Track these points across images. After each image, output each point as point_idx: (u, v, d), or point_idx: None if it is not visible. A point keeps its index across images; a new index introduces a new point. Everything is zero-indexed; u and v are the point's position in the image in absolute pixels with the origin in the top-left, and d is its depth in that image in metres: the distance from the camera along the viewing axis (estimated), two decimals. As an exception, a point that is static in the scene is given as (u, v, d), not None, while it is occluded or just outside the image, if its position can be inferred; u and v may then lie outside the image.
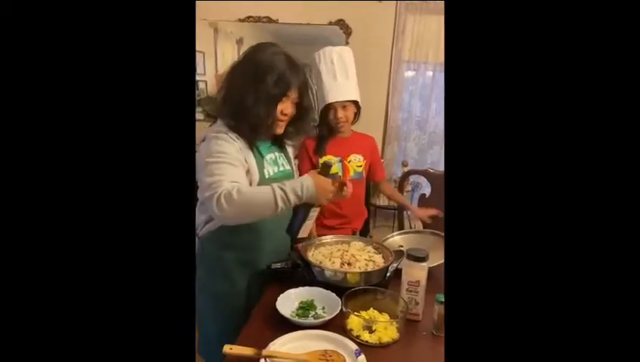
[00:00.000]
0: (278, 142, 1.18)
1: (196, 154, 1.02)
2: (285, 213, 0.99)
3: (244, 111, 1.00)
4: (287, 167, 1.18)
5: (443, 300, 0.86)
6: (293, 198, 0.92)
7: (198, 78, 3.07)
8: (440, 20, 2.63)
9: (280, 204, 0.91)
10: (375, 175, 1.70)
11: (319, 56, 1.54)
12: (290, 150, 1.25)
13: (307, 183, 0.93)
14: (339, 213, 1.58)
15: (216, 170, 0.94)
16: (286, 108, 1.05)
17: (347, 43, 2.74)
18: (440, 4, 2.52)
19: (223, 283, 1.09)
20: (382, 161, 1.90)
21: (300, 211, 1.02)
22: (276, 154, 1.16)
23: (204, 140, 1.02)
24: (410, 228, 2.21)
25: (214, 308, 1.11)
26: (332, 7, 2.76)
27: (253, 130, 1.03)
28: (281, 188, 0.92)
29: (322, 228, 1.53)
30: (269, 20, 2.87)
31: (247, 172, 1.03)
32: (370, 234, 1.73)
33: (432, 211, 1.51)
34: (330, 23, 2.81)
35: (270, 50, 1.04)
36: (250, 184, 1.03)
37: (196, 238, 1.12)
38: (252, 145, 1.06)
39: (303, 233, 1.06)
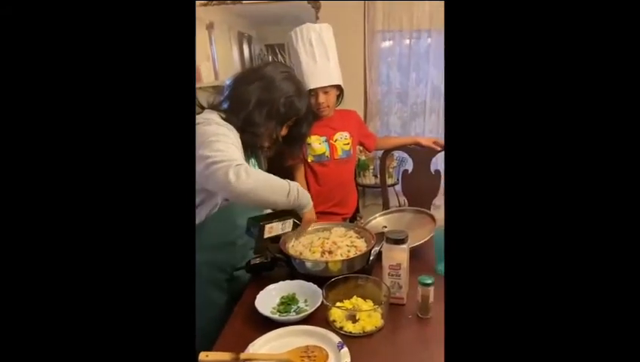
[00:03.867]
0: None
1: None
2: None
3: (253, 124, 1.05)
4: None
5: (427, 282, 0.83)
6: (302, 197, 0.99)
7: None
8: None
9: (292, 195, 0.97)
10: (369, 145, 1.67)
11: (296, 36, 1.42)
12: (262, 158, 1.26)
13: (308, 196, 1.04)
14: (328, 196, 1.53)
15: (223, 147, 0.92)
16: (283, 130, 1.15)
17: (317, 18, 2.62)
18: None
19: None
20: (367, 127, 1.89)
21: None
22: (253, 160, 1.17)
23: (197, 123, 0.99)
24: (399, 204, 2.19)
25: None
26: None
27: (255, 142, 1.09)
28: (296, 185, 0.99)
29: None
30: (234, 1, 2.73)
31: None
32: (360, 215, 1.69)
33: (434, 139, 1.63)
34: (298, -1, 2.68)
35: (281, 70, 1.13)
36: None
37: None
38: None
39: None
